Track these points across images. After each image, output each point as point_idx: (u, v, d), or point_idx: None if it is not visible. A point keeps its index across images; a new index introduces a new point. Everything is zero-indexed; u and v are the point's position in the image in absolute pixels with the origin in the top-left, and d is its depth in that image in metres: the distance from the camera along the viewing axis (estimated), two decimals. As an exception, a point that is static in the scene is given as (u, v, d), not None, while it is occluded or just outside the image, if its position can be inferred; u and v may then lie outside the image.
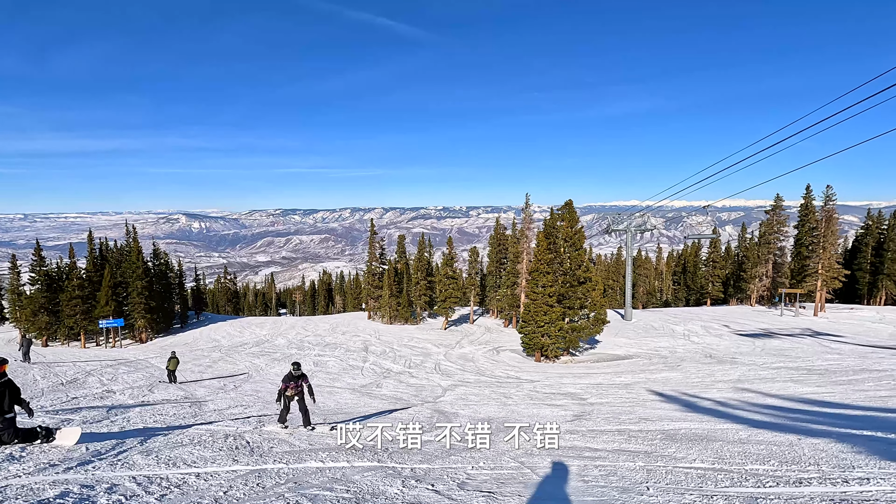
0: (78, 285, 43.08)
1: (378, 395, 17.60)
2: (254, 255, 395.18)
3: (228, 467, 5.63)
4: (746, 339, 29.65)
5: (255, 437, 7.82)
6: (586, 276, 28.91)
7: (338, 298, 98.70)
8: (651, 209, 46.68)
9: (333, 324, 50.39)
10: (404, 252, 59.84)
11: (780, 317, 41.40)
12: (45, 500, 4.01)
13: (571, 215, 30.09)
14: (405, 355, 31.64)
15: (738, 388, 14.40)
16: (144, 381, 19.72)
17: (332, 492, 4.58)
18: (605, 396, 14.87)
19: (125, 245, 49.54)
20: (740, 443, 6.79)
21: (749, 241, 61.54)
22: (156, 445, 6.79)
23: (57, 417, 10.30)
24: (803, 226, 47.68)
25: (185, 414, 11.78)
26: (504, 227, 54.65)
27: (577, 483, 5.03)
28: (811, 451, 5.87)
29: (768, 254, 52.21)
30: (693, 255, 69.39)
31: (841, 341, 26.59)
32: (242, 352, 33.20)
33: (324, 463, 6.04)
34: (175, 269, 59.15)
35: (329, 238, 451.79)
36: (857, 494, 3.96)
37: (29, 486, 4.45)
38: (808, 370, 17.55)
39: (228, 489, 4.66)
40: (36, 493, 4.23)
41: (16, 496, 4.10)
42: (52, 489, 4.35)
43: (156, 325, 46.85)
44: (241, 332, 45.30)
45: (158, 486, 4.71)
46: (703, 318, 41.39)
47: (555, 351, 27.97)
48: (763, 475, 4.85)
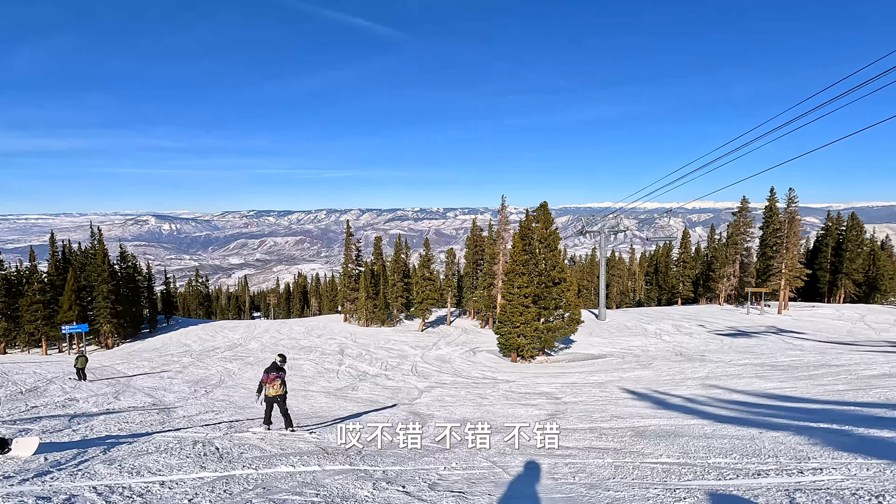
0: (39, 290, 41.37)
1: (354, 398, 17.46)
2: (227, 258, 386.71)
3: (195, 474, 5.51)
4: (716, 338, 30.53)
5: (225, 443, 7.66)
6: (561, 276, 29.31)
7: (313, 301, 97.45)
8: (624, 211, 47.67)
9: (309, 327, 49.73)
10: (381, 254, 59.54)
11: (746, 315, 42.78)
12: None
13: (546, 217, 30.47)
14: (381, 358, 31.47)
15: (707, 384, 14.83)
16: (110, 389, 19.07)
17: (302, 496, 4.53)
18: (579, 395, 15.10)
19: (90, 247, 47.80)
20: (705, 437, 7.00)
21: (718, 242, 63.46)
22: (119, 454, 6.58)
23: (14, 427, 9.87)
24: (768, 227, 49.44)
25: (153, 421, 11.46)
26: (481, 229, 54.96)
27: (547, 481, 5.11)
28: (771, 443, 6.10)
29: (735, 254, 53.91)
30: (665, 255, 71.11)
31: (803, 338, 27.66)
32: (214, 356, 32.45)
33: (294, 467, 5.96)
34: (144, 272, 57.45)
35: (304, 240, 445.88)
36: (810, 484, 4.13)
37: (-20, 499, 4.27)
38: (771, 366, 18.19)
39: (194, 497, 4.56)
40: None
41: (-35, 510, 3.93)
42: (6, 502, 4.17)
43: (123, 331, 45.36)
44: (213, 337, 44.27)
45: (120, 495, 4.57)
46: (674, 317, 42.45)
47: (530, 351, 28.25)
48: (725, 468, 5.01)
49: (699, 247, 76.06)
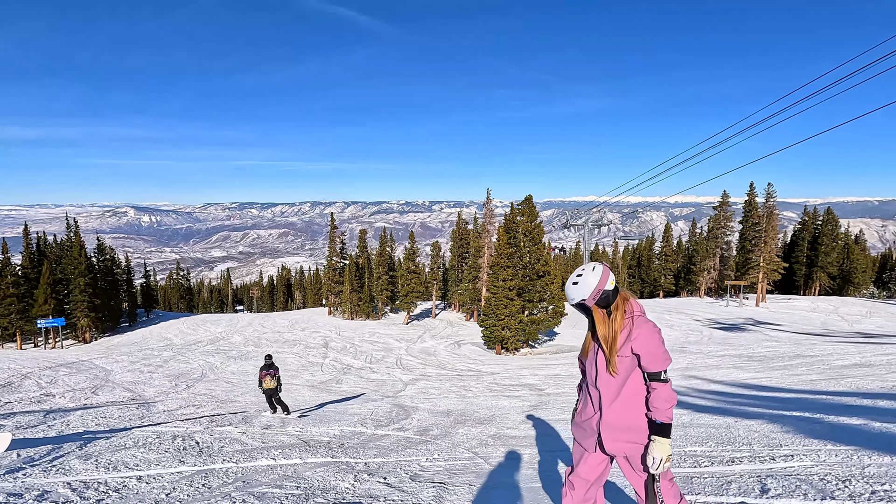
0: (13, 282, 40.28)
1: (338, 392, 17.42)
2: (209, 251, 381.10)
3: (174, 469, 5.44)
4: (696, 330, 31.13)
5: (206, 438, 7.58)
6: (545, 269, 29.54)
7: (297, 294, 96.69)
8: (608, 204, 48.15)
9: (293, 320, 49.37)
10: (366, 247, 59.26)
11: (726, 307, 43.71)
12: (-34, 511, 3.76)
13: (531, 210, 30.62)
14: (366, 351, 31.43)
15: (687, 375, 15.11)
16: (87, 383, 18.72)
17: (282, 489, 4.50)
18: (562, 387, 15.28)
19: (66, 240, 46.62)
20: (682, 426, 7.14)
21: (699, 236, 64.54)
22: (96, 449, 6.47)
23: (-14, 423, 9.63)
24: (747, 221, 50.41)
25: (132, 416, 11.28)
26: (466, 222, 55.02)
27: (528, 471, 5.16)
28: (745, 432, 6.24)
29: (716, 248, 54.91)
30: (647, 249, 72.08)
31: (779, 329, 28.36)
32: (196, 350, 32.04)
33: (275, 460, 5.92)
34: (122, 264, 56.27)
35: (288, 232, 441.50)
36: (781, 470, 4.24)
37: (-52, 496, 4.16)
38: (749, 357, 18.62)
39: (171, 491, 4.50)
40: (-44, 503, 3.96)
41: (-68, 508, 3.83)
42: (-25, 499, 4.08)
43: (101, 324, 44.46)
44: (194, 330, 43.68)
45: (95, 490, 4.49)
46: (656, 309, 43.14)
47: (515, 343, 28.49)
48: (700, 456, 5.12)
49: (681, 240, 77.29)
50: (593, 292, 2.34)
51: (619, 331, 2.34)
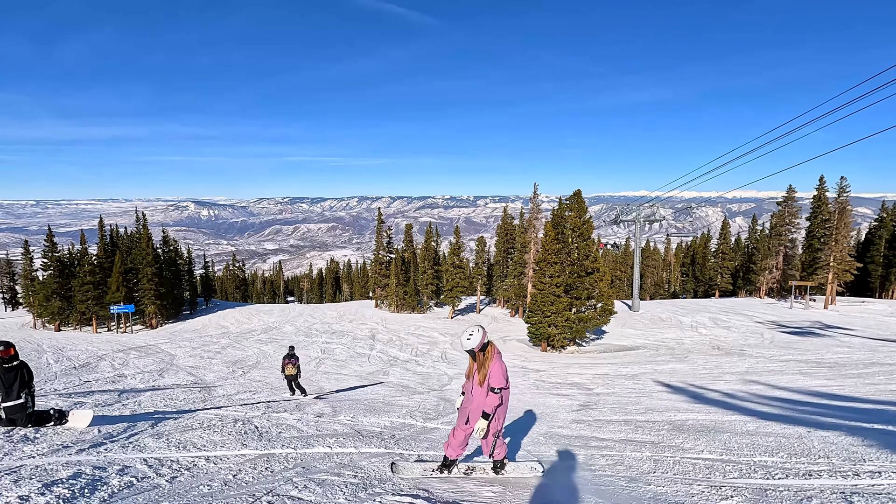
0: (89, 271, 43.62)
1: (385, 383, 17.72)
2: (262, 243, 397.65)
3: (237, 451, 5.69)
4: (756, 332, 29.45)
5: (264, 423, 7.89)
6: (594, 266, 28.79)
7: (345, 287, 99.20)
8: (660, 200, 46.26)
9: (341, 312, 50.71)
10: (411, 241, 59.91)
11: (789, 309, 41.06)
12: (59, 481, 4.07)
13: (580, 205, 29.88)
14: (412, 343, 31.82)
15: (747, 380, 14.32)
16: (155, 366, 20.01)
17: (340, 476, 4.61)
18: (611, 387, 14.87)
19: (135, 232, 49.99)
20: (748, 434, 6.75)
21: (760, 233, 60.92)
22: (166, 429, 6.88)
23: (70, 400, 10.48)
24: (815, 217, 47.03)
25: (195, 399, 11.94)
26: (512, 217, 54.49)
27: (584, 472, 5.03)
28: (821, 443, 5.82)
29: (779, 245, 51.68)
30: (702, 246, 68.78)
31: (851, 335, 26.34)
32: (251, 338, 33.55)
33: (331, 448, 6.08)
34: (184, 256, 59.65)
35: (336, 227, 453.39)
36: (868, 487, 3.92)
37: (43, 466, 4.52)
38: (817, 363, 17.41)
39: (238, 472, 4.71)
40: (50, 473, 4.30)
41: (30, 476, 4.17)
42: (66, 470, 4.42)
43: (166, 312, 47.41)
44: (249, 319, 45.75)
45: (169, 468, 4.77)
46: (711, 309, 41.15)
47: (561, 341, 27.98)
48: (772, 467, 4.81)
49: (739, 238, 73.26)
50: (479, 344, 4.43)
51: (487, 362, 4.46)
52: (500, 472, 4.85)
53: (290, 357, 13.72)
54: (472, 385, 4.59)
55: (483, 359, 4.48)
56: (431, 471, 4.84)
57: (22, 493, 3.75)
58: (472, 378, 4.63)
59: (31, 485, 3.95)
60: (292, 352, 14.09)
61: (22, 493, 3.77)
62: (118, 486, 4.12)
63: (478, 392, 4.51)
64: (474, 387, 4.56)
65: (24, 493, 3.77)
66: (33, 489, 3.85)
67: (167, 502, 3.80)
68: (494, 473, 4.84)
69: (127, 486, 4.15)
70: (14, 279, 68.61)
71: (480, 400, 4.48)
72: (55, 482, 4.04)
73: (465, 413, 4.61)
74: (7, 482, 4.00)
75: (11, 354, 6.10)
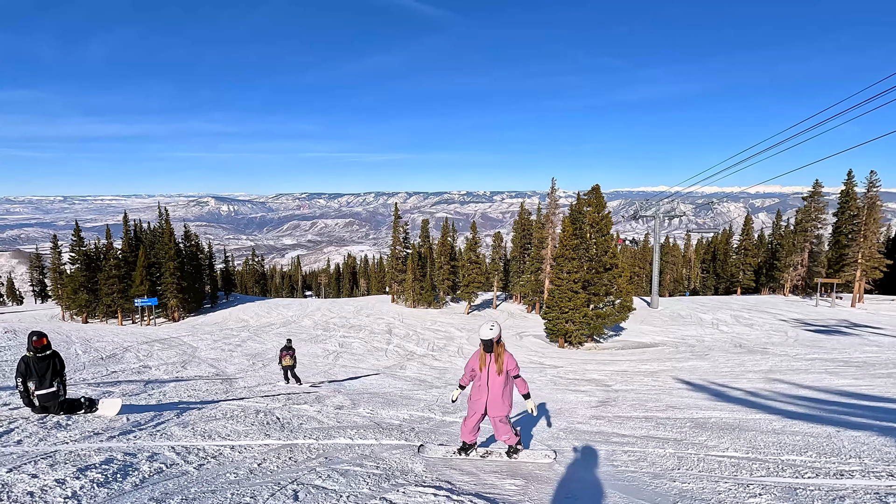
0: (115, 265, 44.74)
1: (402, 377, 17.83)
2: (280, 238, 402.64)
3: (261, 441, 5.79)
4: (780, 330, 28.81)
5: (286, 414, 8.01)
6: (613, 262, 28.46)
7: (362, 282, 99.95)
8: (680, 195, 45.44)
9: (358, 306, 51.12)
10: (428, 236, 60.02)
11: (814, 307, 40.06)
12: (92, 465, 4.19)
13: (598, 200, 29.53)
14: (428, 338, 31.93)
15: (770, 378, 14.03)
16: (178, 358, 20.45)
17: (363, 467, 4.65)
18: (630, 384, 14.71)
19: (158, 227, 51.06)
20: (774, 433, 6.61)
21: (784, 229, 59.46)
22: (191, 418, 7.02)
23: (98, 389, 10.78)
24: (843, 213, 45.68)
25: (217, 390, 12.17)
26: (529, 213, 54.18)
27: (607, 467, 4.99)
28: (851, 443, 5.67)
29: (804, 242, 50.38)
30: (724, 242, 67.41)
31: (881, 333, 25.59)
32: (270, 332, 34.06)
33: (353, 440, 6.14)
34: (205, 250, 60.73)
35: (353, 222, 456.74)
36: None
37: (76, 452, 4.67)
38: (844, 362, 16.96)
39: (262, 461, 4.79)
40: (83, 458, 4.43)
41: (64, 461, 4.31)
42: (98, 455, 4.54)
43: (187, 305, 48.38)
44: (268, 313, 46.43)
45: (196, 456, 4.87)
46: (733, 306, 40.39)
47: (579, 337, 27.78)
48: (801, 466, 4.71)
49: (762, 234, 71.63)
50: (497, 336, 4.87)
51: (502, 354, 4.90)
52: (512, 457, 5.16)
53: (287, 349, 14.91)
54: (487, 377, 4.91)
55: (499, 350, 4.88)
56: (453, 452, 5.31)
57: (58, 477, 3.87)
58: (485, 369, 4.93)
59: (66, 469, 4.08)
60: (289, 345, 15.18)
61: (58, 476, 3.89)
62: (148, 472, 4.23)
63: (494, 381, 4.88)
64: (490, 378, 4.89)
65: (59, 476, 3.90)
66: (68, 473, 3.98)
67: (196, 488, 3.88)
68: (508, 458, 5.17)
69: (157, 472, 4.25)
70: (43, 273, 70.81)
71: (497, 389, 4.87)
72: (89, 467, 4.17)
73: (479, 404, 4.94)
74: (44, 466, 4.14)
75: (45, 344, 6.29)
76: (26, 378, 6.14)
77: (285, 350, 14.93)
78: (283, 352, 14.92)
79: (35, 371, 6.17)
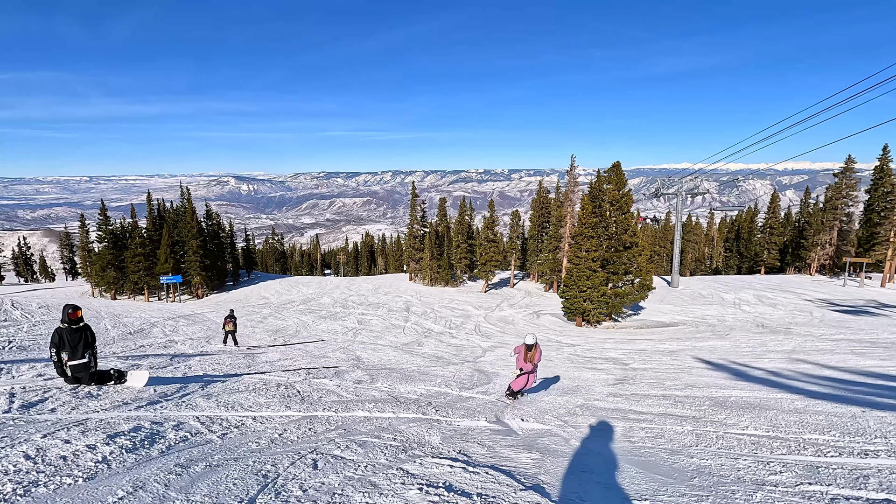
0: (140, 243, 45.85)
1: (419, 353, 18.04)
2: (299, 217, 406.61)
3: (282, 412, 5.94)
4: (804, 310, 28.17)
5: (305, 388, 8.19)
6: (633, 241, 28.01)
7: (380, 260, 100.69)
8: (704, 172, 44.19)
9: (376, 285, 51.60)
10: (445, 215, 59.83)
11: (842, 287, 38.97)
12: (121, 433, 4.36)
13: (619, 178, 28.92)
14: (446, 316, 32.13)
15: (793, 358, 13.77)
16: (202, 334, 21.02)
17: (380, 439, 4.74)
18: (648, 362, 14.62)
19: (180, 206, 51.97)
20: (796, 412, 6.51)
21: (813, 207, 57.56)
22: (215, 391, 7.23)
23: (127, 362, 11.16)
24: (876, 190, 43.88)
25: (240, 364, 12.51)
26: (547, 191, 53.46)
27: (623, 443, 4.99)
28: (877, 423, 5.55)
29: (833, 220, 48.74)
30: (748, 220, 65.65)
31: (911, 314, 24.79)
32: (290, 309, 34.69)
33: (370, 413, 6.26)
34: (226, 229, 61.69)
35: (371, 201, 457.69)
36: (931, 469, 3.71)
37: (106, 420, 4.85)
38: (871, 343, 16.52)
39: (283, 432, 4.91)
40: (112, 426, 4.61)
41: (95, 428, 4.48)
42: (126, 424, 4.72)
43: (210, 283, 49.48)
44: (288, 291, 47.22)
45: (220, 426, 5.02)
46: (756, 286, 39.54)
47: (597, 316, 27.61)
48: (823, 445, 4.63)
49: (790, 212, 69.47)
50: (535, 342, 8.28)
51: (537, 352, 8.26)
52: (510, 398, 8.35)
53: (230, 318, 17.79)
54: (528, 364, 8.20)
55: (535, 351, 8.21)
56: (504, 395, 8.57)
57: (89, 443, 4.04)
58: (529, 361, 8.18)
59: (97, 436, 4.25)
60: (232, 313, 18.08)
61: (89, 442, 4.06)
62: (174, 440, 4.37)
63: (529, 367, 8.21)
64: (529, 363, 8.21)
65: (91, 442, 4.06)
66: (99, 439, 4.14)
67: (219, 455, 4.01)
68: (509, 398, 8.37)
69: (182, 440, 4.40)
70: (73, 251, 73.02)
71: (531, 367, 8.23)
72: (118, 434, 4.33)
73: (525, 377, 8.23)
74: (76, 433, 4.31)
75: (79, 316, 6.52)
76: (60, 349, 6.39)
77: (228, 318, 17.72)
78: (226, 319, 17.76)
79: (68, 342, 6.41)
